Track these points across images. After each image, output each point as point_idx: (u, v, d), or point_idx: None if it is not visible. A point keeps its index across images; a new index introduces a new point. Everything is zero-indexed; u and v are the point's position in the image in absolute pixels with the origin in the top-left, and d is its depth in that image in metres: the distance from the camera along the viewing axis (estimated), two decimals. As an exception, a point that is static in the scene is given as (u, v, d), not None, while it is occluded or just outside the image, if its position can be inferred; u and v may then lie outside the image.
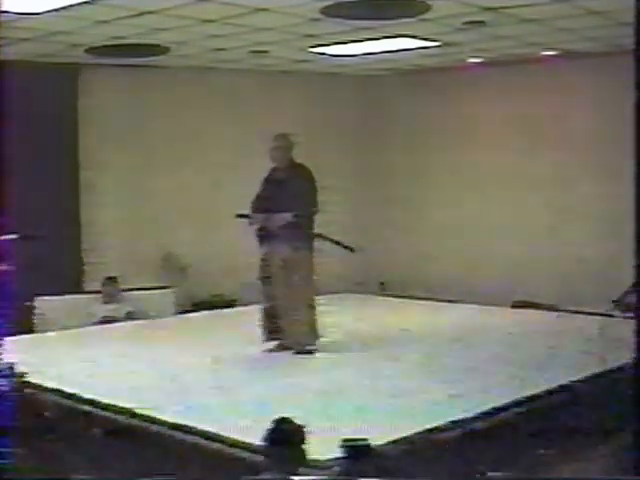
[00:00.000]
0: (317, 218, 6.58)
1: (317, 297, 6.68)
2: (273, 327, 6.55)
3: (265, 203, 6.53)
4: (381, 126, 10.62)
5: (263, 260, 6.60)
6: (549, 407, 5.01)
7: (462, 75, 9.76)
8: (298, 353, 6.37)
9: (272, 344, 6.56)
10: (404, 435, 4.19)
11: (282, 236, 6.41)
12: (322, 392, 5.22)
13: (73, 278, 8.87)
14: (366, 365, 6.08)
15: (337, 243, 6.72)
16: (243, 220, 6.57)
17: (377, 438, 4.06)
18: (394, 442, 4.10)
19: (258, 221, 6.52)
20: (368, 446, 3.57)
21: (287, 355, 6.41)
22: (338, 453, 3.79)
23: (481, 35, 7.65)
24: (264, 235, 6.56)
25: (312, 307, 6.54)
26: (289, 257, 6.41)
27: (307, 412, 4.11)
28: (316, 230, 6.61)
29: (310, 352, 6.42)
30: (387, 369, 5.89)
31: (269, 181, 6.64)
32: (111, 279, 8.49)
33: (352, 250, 6.87)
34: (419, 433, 4.25)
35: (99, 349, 6.72)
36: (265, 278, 6.60)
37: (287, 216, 6.37)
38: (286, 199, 6.42)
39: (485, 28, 7.27)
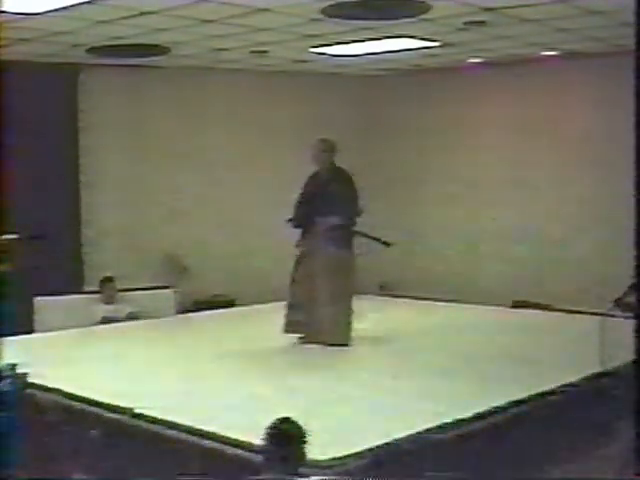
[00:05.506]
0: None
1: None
2: (299, 321, 6.67)
3: (307, 205, 6.69)
4: (380, 126, 10.62)
5: (300, 257, 6.72)
6: (549, 407, 5.01)
7: (462, 75, 9.76)
8: (332, 345, 6.49)
9: (295, 336, 6.70)
10: (403, 435, 4.19)
11: (327, 236, 6.57)
12: (322, 392, 5.22)
13: (73, 278, 8.87)
14: (366, 364, 6.10)
15: (375, 239, 6.88)
16: (289, 224, 6.71)
17: (376, 438, 4.07)
18: (392, 442, 4.10)
19: (304, 225, 6.69)
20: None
21: (289, 354, 6.46)
22: (338, 453, 3.81)
23: (481, 35, 7.65)
24: (304, 232, 6.71)
25: (351, 306, 6.70)
26: (333, 257, 6.57)
27: (307, 411, 4.10)
28: None
29: (345, 345, 6.55)
30: (385, 368, 5.89)
31: (311, 184, 6.79)
32: (108, 279, 8.48)
33: (388, 245, 7.03)
34: (417, 433, 4.24)
35: (100, 349, 6.72)
36: (299, 274, 6.70)
37: (335, 220, 6.55)
38: (329, 202, 6.60)
39: (485, 28, 7.27)
